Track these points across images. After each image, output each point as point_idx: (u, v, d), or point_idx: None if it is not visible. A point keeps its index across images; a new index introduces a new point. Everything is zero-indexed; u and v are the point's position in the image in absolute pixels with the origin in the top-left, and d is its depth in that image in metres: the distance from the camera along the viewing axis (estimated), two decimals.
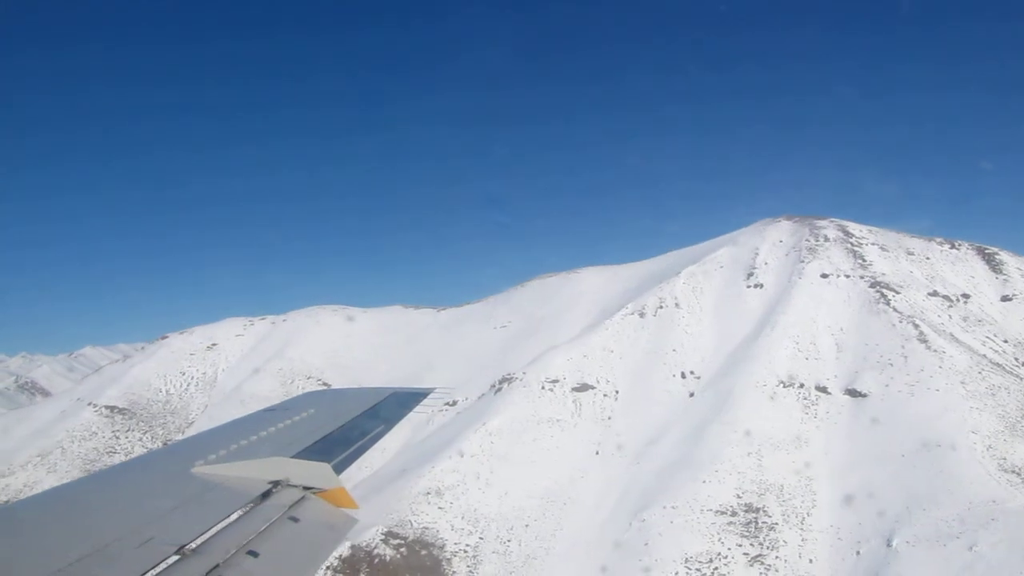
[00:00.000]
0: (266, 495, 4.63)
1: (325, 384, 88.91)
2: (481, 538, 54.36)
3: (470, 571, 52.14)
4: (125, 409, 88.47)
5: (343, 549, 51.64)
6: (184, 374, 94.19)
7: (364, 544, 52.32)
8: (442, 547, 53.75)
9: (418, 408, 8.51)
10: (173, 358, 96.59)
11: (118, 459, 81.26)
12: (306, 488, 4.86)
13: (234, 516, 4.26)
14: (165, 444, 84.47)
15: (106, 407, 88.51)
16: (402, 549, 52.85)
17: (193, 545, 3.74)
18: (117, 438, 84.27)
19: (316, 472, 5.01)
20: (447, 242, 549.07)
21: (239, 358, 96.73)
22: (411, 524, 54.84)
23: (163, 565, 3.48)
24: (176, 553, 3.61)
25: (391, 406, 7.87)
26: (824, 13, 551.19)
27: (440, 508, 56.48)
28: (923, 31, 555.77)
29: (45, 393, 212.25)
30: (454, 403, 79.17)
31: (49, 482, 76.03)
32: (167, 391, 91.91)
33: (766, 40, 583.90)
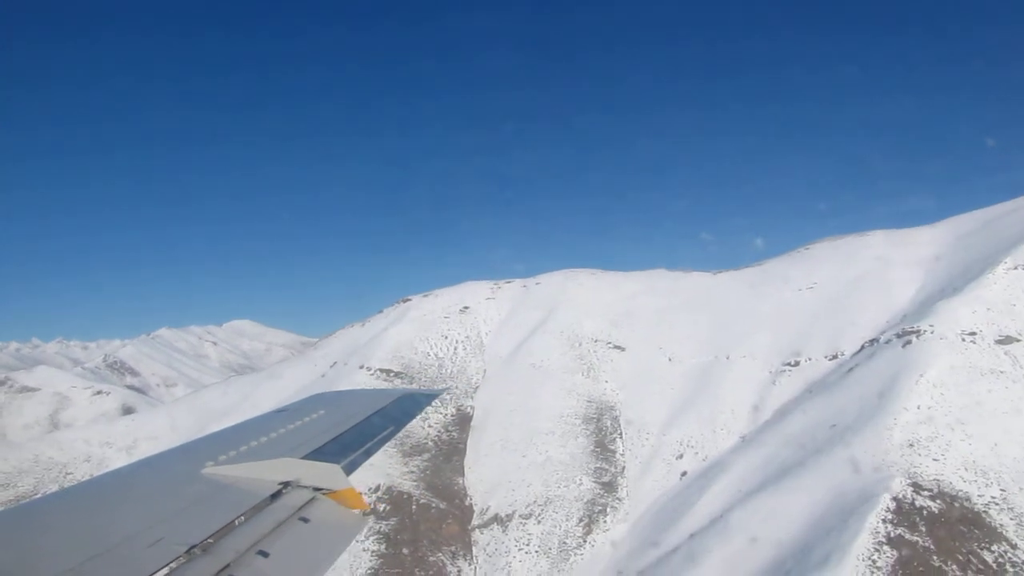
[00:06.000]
0: (276, 496, 4.61)
1: (618, 347, 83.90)
2: (1002, 489, 50.08)
3: (1017, 523, 48.03)
4: (401, 372, 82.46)
5: (888, 501, 47.24)
6: (447, 337, 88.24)
7: (901, 496, 47.86)
8: (967, 499, 49.44)
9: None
10: (427, 321, 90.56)
11: (416, 424, 75.39)
12: (316, 489, 4.84)
13: (244, 517, 4.20)
14: (458, 410, 78.91)
15: (380, 370, 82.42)
16: (937, 501, 48.53)
17: (204, 545, 3.69)
18: None
19: (326, 473, 4.98)
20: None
21: (499, 321, 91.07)
22: (921, 476, 50.46)
23: (174, 565, 3.45)
24: (186, 553, 3.56)
25: (401, 407, 7.74)
26: None
27: (935, 460, 52.07)
28: None
29: (133, 372, 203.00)
30: (796, 363, 75.02)
31: None
32: (436, 355, 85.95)
33: None
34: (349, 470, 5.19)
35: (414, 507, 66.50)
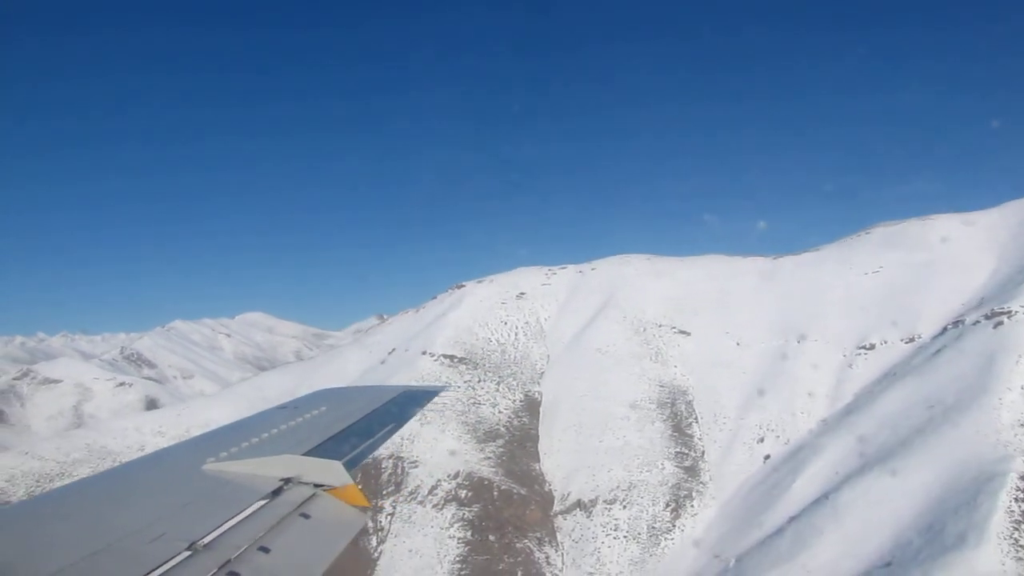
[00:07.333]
0: (277, 492, 4.65)
1: (683, 332, 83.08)
2: None
3: None
4: (464, 358, 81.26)
5: (1016, 480, 46.67)
6: (506, 323, 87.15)
7: None
8: None
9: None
10: (485, 307, 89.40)
11: (487, 410, 74.40)
12: (317, 485, 4.87)
13: (245, 513, 4.22)
14: (526, 395, 77.92)
15: (443, 355, 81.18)
16: None
17: (205, 541, 3.72)
18: (474, 389, 77.04)
19: (327, 469, 5.00)
20: None
21: (558, 307, 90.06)
22: None
23: (175, 561, 3.46)
24: (188, 549, 3.58)
25: (402, 404, 7.77)
26: None
27: None
28: None
29: (150, 364, 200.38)
30: (871, 347, 74.46)
31: (431, 434, 68.77)
32: (497, 340, 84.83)
33: None
34: (351, 467, 5.17)
35: (495, 493, 65.48)
